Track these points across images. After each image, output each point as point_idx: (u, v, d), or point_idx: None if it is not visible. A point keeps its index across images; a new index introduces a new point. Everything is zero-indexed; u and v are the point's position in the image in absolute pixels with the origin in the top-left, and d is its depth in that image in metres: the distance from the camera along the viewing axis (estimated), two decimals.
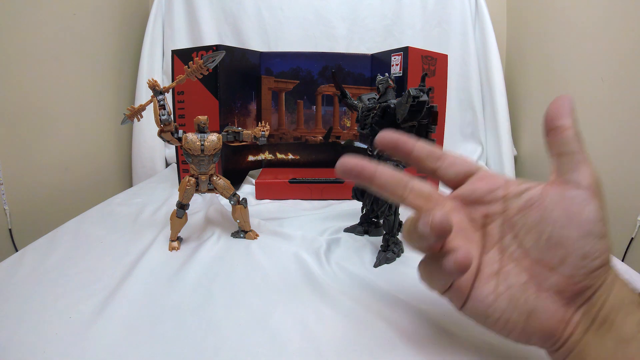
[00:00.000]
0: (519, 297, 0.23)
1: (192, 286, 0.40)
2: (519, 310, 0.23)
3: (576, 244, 0.21)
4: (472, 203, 0.26)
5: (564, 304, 0.22)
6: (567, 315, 0.22)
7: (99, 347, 0.30)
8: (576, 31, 0.84)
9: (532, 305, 0.22)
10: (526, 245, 0.23)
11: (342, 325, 0.34)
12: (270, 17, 1.07)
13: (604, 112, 0.76)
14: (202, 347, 0.31)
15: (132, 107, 0.47)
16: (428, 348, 0.31)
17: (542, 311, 0.22)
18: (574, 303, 0.22)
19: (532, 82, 1.02)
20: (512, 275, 0.24)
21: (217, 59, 0.47)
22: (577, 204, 0.22)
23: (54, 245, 0.49)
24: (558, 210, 0.22)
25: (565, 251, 0.22)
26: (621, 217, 0.70)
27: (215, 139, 0.49)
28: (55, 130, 0.78)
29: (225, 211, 0.60)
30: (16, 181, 0.69)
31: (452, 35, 1.09)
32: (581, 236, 0.21)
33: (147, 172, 1.03)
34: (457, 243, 0.24)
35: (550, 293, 0.22)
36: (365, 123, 0.48)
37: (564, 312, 0.22)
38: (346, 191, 0.68)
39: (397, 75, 0.74)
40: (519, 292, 0.23)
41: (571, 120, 0.23)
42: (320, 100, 0.88)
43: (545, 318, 0.22)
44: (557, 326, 0.22)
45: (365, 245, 0.51)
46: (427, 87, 0.40)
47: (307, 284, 0.41)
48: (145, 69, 1.04)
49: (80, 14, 0.84)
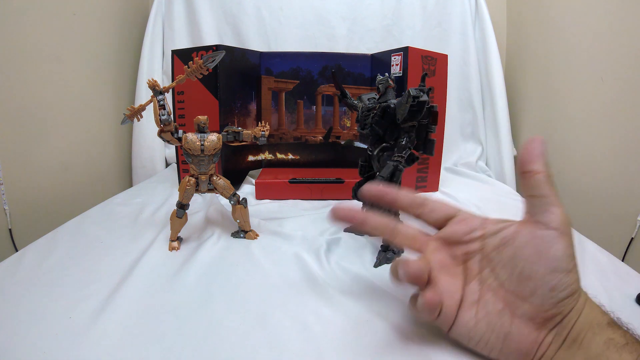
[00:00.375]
0: (496, 322, 0.26)
1: (192, 286, 0.40)
2: (496, 333, 0.26)
3: (544, 279, 0.24)
4: (453, 244, 0.29)
5: (535, 328, 0.25)
6: (539, 337, 0.25)
7: (99, 347, 0.30)
8: (576, 31, 0.84)
9: (507, 329, 0.25)
10: (501, 278, 0.26)
11: (342, 325, 0.34)
12: (270, 17, 1.07)
13: (604, 112, 0.76)
14: (202, 347, 0.31)
15: (132, 107, 0.47)
16: (428, 348, 0.31)
17: (516, 334, 0.25)
18: (544, 327, 0.25)
19: (532, 82, 1.02)
20: (490, 303, 0.26)
21: (217, 59, 0.47)
22: (545, 243, 0.24)
23: (54, 245, 0.49)
24: (529, 248, 0.25)
25: (534, 284, 0.24)
26: (621, 217, 0.70)
27: (215, 139, 0.49)
28: (55, 130, 0.78)
29: (225, 211, 0.60)
30: (16, 181, 0.69)
31: (452, 35, 1.09)
32: (549, 272, 0.24)
33: (147, 172, 1.03)
34: (440, 278, 0.28)
35: (523, 319, 0.25)
36: (365, 123, 0.48)
37: (537, 335, 0.25)
38: (346, 191, 0.68)
39: (397, 75, 0.74)
40: (496, 317, 0.26)
41: (542, 165, 0.26)
42: (320, 100, 0.88)
43: (519, 340, 0.25)
44: (530, 347, 0.25)
45: (365, 245, 0.51)
46: (427, 87, 0.40)
47: (307, 284, 0.41)
48: (145, 69, 1.04)
49: (80, 14, 0.84)
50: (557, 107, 0.91)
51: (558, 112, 0.90)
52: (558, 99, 0.90)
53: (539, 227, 0.25)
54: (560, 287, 0.24)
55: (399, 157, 0.42)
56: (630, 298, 0.37)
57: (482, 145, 1.10)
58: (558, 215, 0.25)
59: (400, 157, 0.42)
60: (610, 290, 0.38)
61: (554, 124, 0.92)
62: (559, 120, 0.90)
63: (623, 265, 0.45)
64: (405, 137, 0.43)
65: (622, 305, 0.29)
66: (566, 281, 0.24)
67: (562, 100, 0.89)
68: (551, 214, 0.25)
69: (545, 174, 0.25)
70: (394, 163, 0.42)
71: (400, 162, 0.42)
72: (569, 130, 0.87)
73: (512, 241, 0.26)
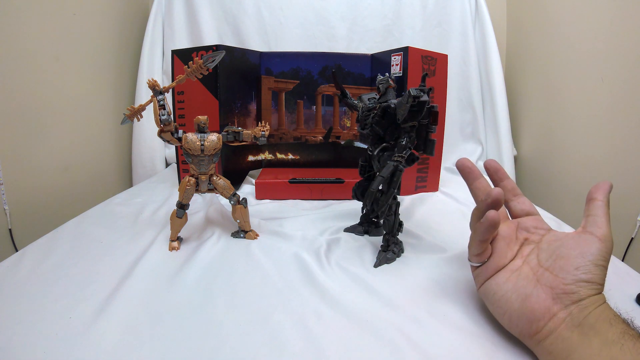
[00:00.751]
0: (521, 284, 0.31)
1: (192, 286, 0.40)
2: (517, 292, 0.31)
3: (573, 259, 0.29)
4: (522, 229, 0.36)
5: (552, 297, 0.29)
6: (553, 308, 0.28)
7: (99, 347, 0.30)
8: (576, 31, 0.84)
9: (529, 292, 0.30)
10: (541, 258, 0.32)
11: (342, 325, 0.34)
12: (270, 17, 1.07)
13: (604, 112, 0.76)
14: (202, 347, 0.31)
15: (132, 107, 0.47)
16: (428, 348, 0.31)
17: (534, 296, 0.29)
18: (560, 301, 0.28)
19: (532, 82, 1.02)
20: (524, 272, 0.32)
21: (217, 59, 0.47)
22: (585, 240, 0.30)
23: (54, 245, 0.49)
24: (572, 241, 0.31)
25: (564, 262, 0.30)
26: (621, 217, 0.70)
27: (215, 139, 0.49)
28: (55, 130, 0.78)
29: (225, 211, 0.60)
30: (16, 181, 0.69)
31: (452, 35, 1.09)
32: (579, 255, 0.29)
33: (147, 172, 1.03)
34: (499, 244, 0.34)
35: (544, 287, 0.29)
36: (365, 123, 0.48)
37: (551, 304, 0.28)
38: (346, 191, 0.68)
39: (397, 75, 0.74)
40: (522, 281, 0.31)
41: (604, 197, 0.32)
42: (320, 100, 0.88)
43: (536, 302, 0.29)
44: (543, 313, 0.28)
45: (365, 245, 0.51)
46: (427, 87, 0.40)
47: (307, 284, 0.41)
48: (145, 69, 1.04)
49: (80, 14, 0.84)
50: (557, 107, 0.91)
51: (558, 112, 0.90)
52: (558, 99, 0.90)
53: (586, 233, 0.31)
54: (583, 269, 0.28)
55: (399, 157, 0.42)
56: (630, 298, 0.37)
57: (482, 145, 1.10)
58: (604, 230, 0.30)
59: (401, 157, 0.42)
60: (610, 290, 0.38)
61: (553, 123, 0.92)
62: (559, 120, 0.90)
63: (623, 265, 0.45)
64: (405, 137, 0.43)
65: (622, 305, 0.29)
66: (590, 269, 0.28)
67: (562, 100, 0.89)
68: (599, 228, 0.30)
69: (604, 202, 0.32)
70: (394, 163, 0.42)
71: (400, 162, 0.42)
72: (569, 130, 0.87)
73: (562, 239, 0.32)
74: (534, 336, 0.28)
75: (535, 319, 0.28)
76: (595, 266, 0.28)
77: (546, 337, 0.28)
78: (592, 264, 0.28)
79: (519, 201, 0.38)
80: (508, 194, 0.39)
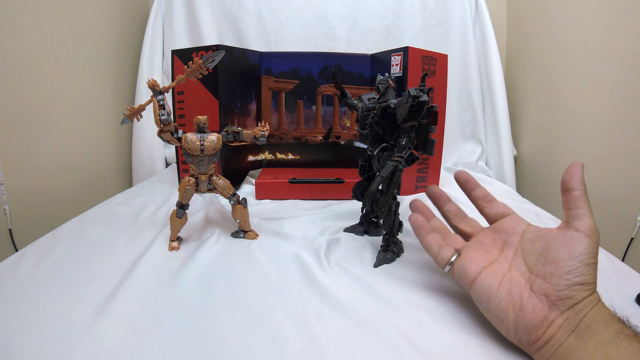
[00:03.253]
0: (516, 292, 0.30)
1: (192, 286, 0.40)
2: (513, 302, 0.30)
3: (564, 263, 0.29)
4: (499, 232, 0.36)
5: (548, 306, 0.28)
6: (550, 316, 0.28)
7: (99, 347, 0.30)
8: (576, 31, 0.84)
9: (525, 302, 0.29)
10: (529, 262, 0.32)
11: (342, 325, 0.34)
12: (270, 17, 1.07)
13: (604, 112, 0.76)
14: (202, 347, 0.31)
15: (132, 107, 0.47)
16: (427, 348, 0.31)
17: (530, 306, 0.29)
18: (557, 308, 0.28)
19: (532, 82, 1.02)
20: (514, 278, 0.31)
21: (217, 59, 0.47)
22: (572, 239, 0.29)
23: (54, 245, 0.49)
24: (558, 241, 0.30)
25: (555, 267, 0.29)
26: (621, 217, 0.70)
27: (215, 139, 0.49)
28: (55, 130, 0.78)
29: (225, 211, 0.60)
30: (16, 181, 0.69)
31: (452, 35, 1.09)
32: (569, 258, 0.28)
33: (147, 172, 1.03)
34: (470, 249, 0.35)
35: (539, 295, 0.29)
36: (365, 123, 0.48)
37: (548, 312, 0.28)
38: (346, 191, 0.68)
39: (397, 75, 0.74)
40: (517, 289, 0.31)
41: (580, 184, 0.31)
42: (320, 100, 0.88)
43: (532, 311, 0.29)
44: (541, 323, 0.28)
45: (365, 245, 0.51)
46: (427, 87, 0.40)
47: (307, 284, 0.41)
48: (145, 69, 1.04)
49: (80, 14, 0.84)
50: (557, 107, 0.91)
51: (558, 112, 0.90)
52: (558, 99, 0.90)
53: (570, 229, 0.30)
54: (575, 272, 0.28)
55: (399, 157, 0.42)
56: (630, 298, 0.37)
57: (482, 145, 1.10)
58: (588, 224, 0.29)
59: (400, 157, 0.42)
60: (610, 290, 0.38)
61: (554, 124, 0.92)
62: (559, 120, 0.90)
63: (623, 265, 0.45)
64: (405, 137, 0.43)
65: (622, 305, 0.29)
66: (582, 270, 0.28)
67: (562, 100, 0.89)
68: (583, 222, 0.30)
69: (582, 192, 0.31)
70: (394, 163, 0.42)
71: (400, 162, 0.42)
72: (568, 130, 0.87)
73: (545, 236, 0.32)
74: (533, 344, 0.28)
75: (533, 328, 0.28)
76: (587, 266, 0.28)
77: (545, 344, 0.27)
78: (583, 264, 0.28)
79: (493, 206, 0.39)
80: (481, 202, 0.39)
